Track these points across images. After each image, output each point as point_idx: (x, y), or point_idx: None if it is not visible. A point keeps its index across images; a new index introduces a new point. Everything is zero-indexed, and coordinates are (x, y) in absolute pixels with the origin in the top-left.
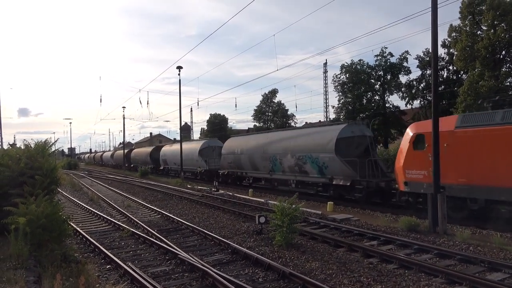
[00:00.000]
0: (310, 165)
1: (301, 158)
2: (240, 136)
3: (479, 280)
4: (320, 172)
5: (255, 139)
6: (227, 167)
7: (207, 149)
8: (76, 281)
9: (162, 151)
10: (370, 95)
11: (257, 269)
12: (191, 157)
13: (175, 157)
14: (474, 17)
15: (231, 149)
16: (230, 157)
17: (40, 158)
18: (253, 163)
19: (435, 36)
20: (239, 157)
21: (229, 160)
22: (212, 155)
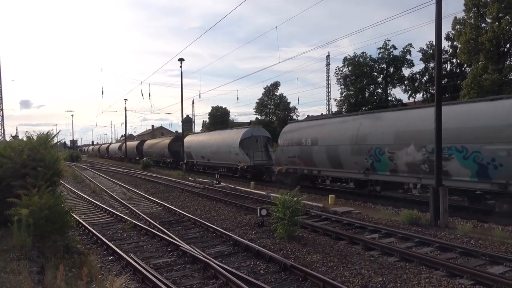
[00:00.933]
0: (458, 161)
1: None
2: (310, 121)
3: (480, 273)
4: (480, 173)
5: (339, 124)
6: (286, 163)
7: (250, 140)
8: (79, 272)
9: (185, 142)
10: (372, 88)
11: (258, 261)
12: (227, 150)
13: (204, 150)
14: (479, 10)
15: (295, 139)
16: (292, 150)
17: (43, 150)
18: (333, 157)
19: (439, 28)
20: (309, 149)
21: (291, 153)
22: (256, 146)
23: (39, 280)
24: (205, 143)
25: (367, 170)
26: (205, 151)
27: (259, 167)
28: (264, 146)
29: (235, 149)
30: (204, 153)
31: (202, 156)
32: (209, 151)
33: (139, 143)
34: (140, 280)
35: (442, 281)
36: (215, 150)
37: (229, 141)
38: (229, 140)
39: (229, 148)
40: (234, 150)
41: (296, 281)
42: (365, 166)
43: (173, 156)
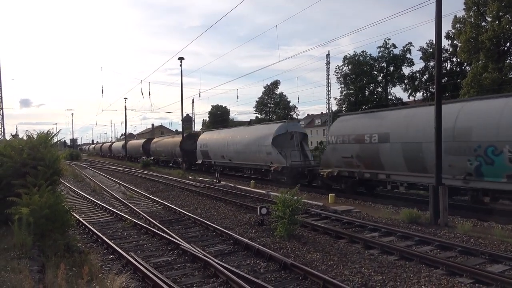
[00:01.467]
0: None
1: None
2: (374, 113)
3: (479, 271)
4: None
5: (424, 115)
6: (339, 164)
7: (284, 137)
8: (80, 271)
9: (201, 140)
10: (372, 86)
11: (258, 260)
12: (256, 149)
13: (225, 148)
14: (479, 8)
15: (353, 135)
16: (348, 149)
17: (43, 149)
18: (414, 158)
19: (439, 27)
20: (375, 148)
21: (346, 152)
22: (291, 144)
23: (40, 279)
24: (227, 141)
25: (469, 175)
26: (227, 150)
27: (298, 168)
28: (300, 144)
29: (266, 148)
30: (225, 153)
31: (223, 155)
32: (232, 150)
33: (145, 142)
34: (140, 278)
35: (442, 279)
36: (240, 149)
37: (259, 138)
38: (259, 137)
39: (258, 147)
40: (266, 149)
41: (296, 279)
42: (466, 170)
43: (186, 156)
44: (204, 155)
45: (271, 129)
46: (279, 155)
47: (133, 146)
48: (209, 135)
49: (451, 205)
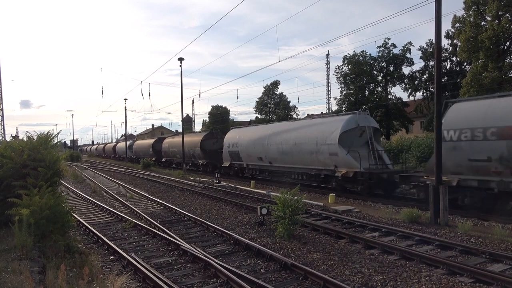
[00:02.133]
0: None
1: None
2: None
3: (480, 271)
4: None
5: None
6: (459, 171)
7: (353, 133)
8: (80, 272)
9: (230, 139)
10: (372, 86)
11: (259, 260)
12: (314, 148)
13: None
14: (479, 8)
15: (489, 127)
16: (481, 147)
17: (43, 150)
18: None
19: (439, 27)
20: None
21: (477, 153)
22: (361, 142)
23: (40, 280)
24: (267, 139)
25: None
26: (267, 151)
27: (379, 174)
28: (364, 144)
29: (330, 147)
30: (264, 153)
31: (260, 157)
32: (275, 151)
33: (156, 142)
34: (141, 279)
35: (442, 279)
36: (287, 149)
37: (318, 135)
38: (318, 133)
39: (317, 146)
40: (329, 149)
41: (296, 279)
42: None
43: (208, 157)
44: (233, 156)
45: (336, 123)
46: (349, 157)
47: (141, 146)
48: (240, 132)
49: (451, 205)
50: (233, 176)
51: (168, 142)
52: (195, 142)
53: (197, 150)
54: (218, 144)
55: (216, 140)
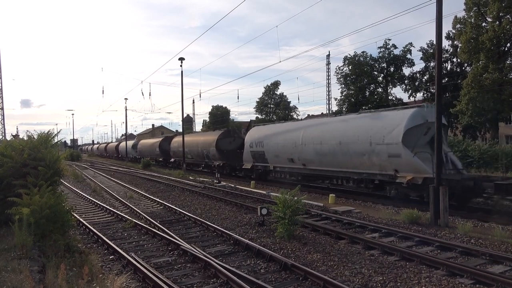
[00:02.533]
0: None
1: None
2: None
3: (480, 272)
4: None
5: None
6: None
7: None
8: (80, 271)
9: (253, 137)
10: (373, 87)
11: (259, 261)
12: (366, 148)
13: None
14: (479, 9)
15: None
16: None
17: (43, 149)
18: None
19: (440, 27)
20: None
21: None
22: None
23: (40, 279)
24: (302, 137)
25: None
26: (302, 151)
27: (464, 182)
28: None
29: (390, 148)
30: (297, 154)
31: (292, 158)
32: (312, 151)
33: (163, 141)
34: (140, 279)
35: (442, 280)
36: (330, 150)
37: (373, 132)
38: (373, 130)
39: (371, 146)
40: (388, 149)
41: (296, 280)
42: None
43: (225, 158)
44: (256, 157)
45: (398, 118)
46: (416, 160)
47: (146, 146)
48: (266, 130)
49: (451, 206)
50: (256, 179)
51: (177, 141)
52: (209, 141)
53: (212, 150)
54: (236, 143)
55: (233, 139)
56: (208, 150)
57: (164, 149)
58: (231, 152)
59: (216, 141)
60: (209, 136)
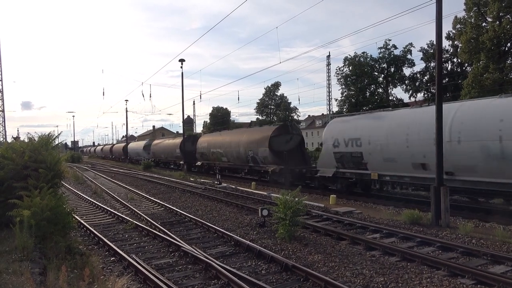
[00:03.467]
0: None
1: None
2: None
3: (481, 272)
4: None
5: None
6: None
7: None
8: (81, 273)
9: (336, 132)
10: (373, 87)
11: (260, 262)
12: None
13: (420, 148)
14: (479, 9)
15: None
16: None
17: (44, 151)
18: None
19: (440, 28)
20: None
21: None
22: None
23: (41, 281)
24: (451, 128)
25: None
26: (451, 152)
27: None
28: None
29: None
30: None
31: (423, 164)
32: (465, 152)
33: (185, 140)
34: (141, 280)
35: (444, 280)
36: None
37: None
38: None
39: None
40: None
41: (297, 281)
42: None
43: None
44: (345, 160)
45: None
46: None
47: (163, 147)
48: (365, 121)
49: (453, 206)
50: (344, 192)
51: (206, 141)
52: (258, 140)
53: (264, 151)
54: (295, 141)
55: (291, 137)
56: (256, 151)
57: (187, 150)
58: (290, 153)
59: (270, 140)
60: (257, 133)
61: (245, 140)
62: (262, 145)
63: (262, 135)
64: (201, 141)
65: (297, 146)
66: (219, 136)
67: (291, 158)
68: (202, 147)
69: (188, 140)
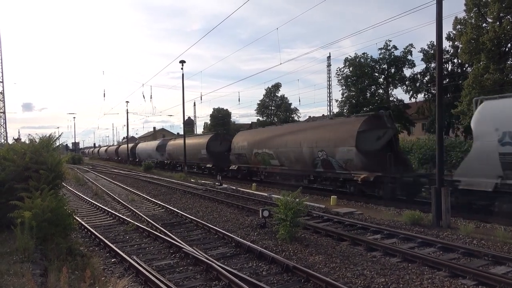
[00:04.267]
0: None
1: None
2: None
3: (482, 273)
4: None
5: None
6: None
7: None
8: (82, 274)
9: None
10: (373, 88)
11: (260, 263)
12: None
13: None
14: (480, 9)
15: None
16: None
17: (45, 152)
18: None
19: (440, 29)
20: None
21: None
22: None
23: (42, 283)
24: None
25: None
26: None
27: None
28: None
29: None
30: None
31: None
32: None
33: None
34: (142, 282)
35: (445, 281)
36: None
37: None
38: None
39: None
40: None
41: (298, 282)
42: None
43: (379, 166)
44: None
45: None
46: None
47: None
48: None
49: (454, 207)
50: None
51: (246, 140)
52: (336, 136)
53: (347, 152)
54: (387, 137)
55: (385, 132)
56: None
57: (217, 151)
58: (376, 153)
59: (358, 135)
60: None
61: (311, 137)
62: (342, 143)
63: (343, 130)
64: (240, 140)
65: (388, 143)
66: (265, 132)
67: (390, 162)
68: (240, 147)
69: (216, 140)
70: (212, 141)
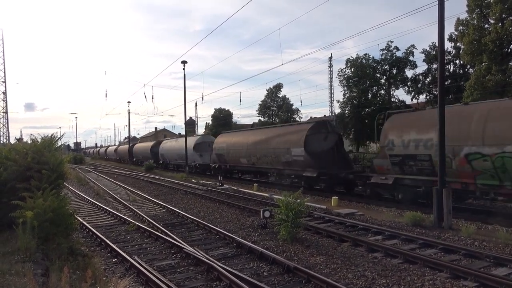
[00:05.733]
0: None
1: None
2: None
3: (484, 275)
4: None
5: None
6: None
7: None
8: (83, 274)
9: None
10: (375, 89)
11: (261, 263)
12: None
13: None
14: (482, 10)
15: None
16: None
17: (47, 152)
18: None
19: (442, 30)
20: None
21: None
22: None
23: (44, 282)
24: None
25: None
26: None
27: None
28: None
29: None
30: None
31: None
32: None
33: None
34: (143, 282)
35: (446, 283)
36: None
37: None
38: None
39: None
40: None
41: (299, 283)
42: None
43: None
44: None
45: None
46: None
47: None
48: None
49: (455, 208)
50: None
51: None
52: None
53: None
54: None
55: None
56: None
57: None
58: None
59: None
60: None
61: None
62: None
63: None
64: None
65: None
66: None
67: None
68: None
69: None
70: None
